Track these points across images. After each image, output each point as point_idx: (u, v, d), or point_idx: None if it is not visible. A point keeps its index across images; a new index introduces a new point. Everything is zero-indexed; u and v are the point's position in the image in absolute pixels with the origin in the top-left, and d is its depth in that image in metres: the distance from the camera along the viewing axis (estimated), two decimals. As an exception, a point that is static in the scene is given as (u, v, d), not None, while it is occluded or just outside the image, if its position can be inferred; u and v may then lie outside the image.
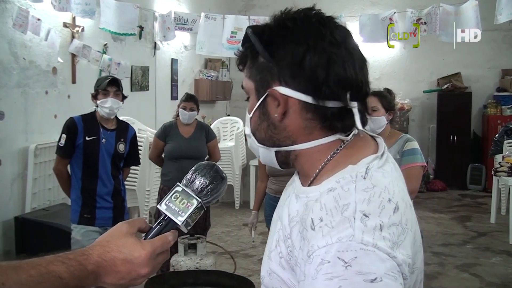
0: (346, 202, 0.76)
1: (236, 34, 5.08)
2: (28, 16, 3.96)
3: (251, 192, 6.85)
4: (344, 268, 0.70)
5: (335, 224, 0.74)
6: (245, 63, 0.90)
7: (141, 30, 5.92)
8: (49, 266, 0.75)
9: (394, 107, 2.90)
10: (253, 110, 0.90)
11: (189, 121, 3.94)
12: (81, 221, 3.05)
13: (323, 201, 0.79)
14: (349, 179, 0.80)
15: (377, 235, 0.73)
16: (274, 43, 0.84)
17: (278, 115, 0.85)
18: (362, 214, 0.74)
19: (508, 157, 5.68)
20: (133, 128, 3.36)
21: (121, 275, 0.81)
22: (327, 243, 0.72)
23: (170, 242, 0.87)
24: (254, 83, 0.89)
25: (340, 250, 0.71)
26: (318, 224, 0.76)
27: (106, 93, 3.05)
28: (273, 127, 0.88)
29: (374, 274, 0.69)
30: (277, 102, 0.85)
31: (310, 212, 0.79)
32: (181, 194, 0.91)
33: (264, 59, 0.86)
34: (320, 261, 0.72)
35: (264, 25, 0.88)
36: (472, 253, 5.00)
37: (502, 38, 8.02)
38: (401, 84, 8.33)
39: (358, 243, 0.71)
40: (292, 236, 0.83)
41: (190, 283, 1.77)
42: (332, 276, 0.70)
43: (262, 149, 0.92)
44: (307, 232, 0.78)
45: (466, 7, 4.58)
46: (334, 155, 0.85)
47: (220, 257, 4.20)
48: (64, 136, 3.02)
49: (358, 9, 8.27)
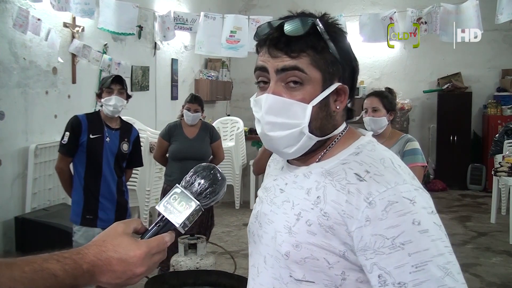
0: (381, 157, 0.91)
1: (235, 34, 5.06)
2: (28, 16, 3.96)
3: (251, 192, 6.85)
4: (412, 205, 0.83)
5: (383, 172, 0.87)
6: (304, 50, 0.92)
7: (140, 30, 5.92)
8: (43, 263, 0.75)
9: (395, 108, 2.89)
10: (317, 99, 0.93)
11: (193, 122, 3.94)
12: (83, 222, 3.03)
13: (358, 159, 0.92)
14: (367, 145, 0.96)
15: (415, 179, 0.90)
16: (338, 43, 0.94)
17: (339, 107, 0.97)
18: (397, 164, 0.91)
19: (508, 157, 5.68)
20: (136, 130, 3.35)
21: (116, 274, 0.81)
22: (387, 187, 0.85)
23: (166, 243, 0.88)
24: (321, 74, 0.93)
25: (403, 191, 0.84)
26: (367, 175, 0.88)
27: (110, 91, 3.05)
28: (329, 117, 0.96)
29: (431, 208, 0.86)
30: (335, 95, 0.96)
31: (349, 170, 0.91)
32: (179, 196, 0.91)
33: (332, 55, 0.93)
34: (387, 203, 0.83)
35: (324, 21, 0.94)
36: (472, 253, 5.00)
37: (502, 38, 8.02)
38: (401, 84, 8.32)
39: (411, 185, 0.86)
40: (326, 198, 0.90)
41: (190, 283, 1.77)
42: (404, 212, 0.82)
43: (307, 138, 0.95)
44: (354, 185, 0.88)
45: (466, 6, 4.57)
46: (340, 136, 0.99)
47: (220, 257, 4.20)
48: (68, 134, 3.00)
49: (358, 9, 8.27)
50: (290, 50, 0.91)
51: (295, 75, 0.92)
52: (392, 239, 0.81)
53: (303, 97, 0.92)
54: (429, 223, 0.83)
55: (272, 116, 0.94)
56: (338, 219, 0.87)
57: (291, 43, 0.91)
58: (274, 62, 0.93)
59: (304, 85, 0.92)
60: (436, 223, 0.85)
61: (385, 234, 0.82)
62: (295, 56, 0.91)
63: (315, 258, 0.89)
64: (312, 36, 0.91)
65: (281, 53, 0.92)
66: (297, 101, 0.92)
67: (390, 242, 0.81)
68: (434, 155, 8.41)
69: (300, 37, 0.91)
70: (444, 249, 0.83)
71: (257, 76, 0.98)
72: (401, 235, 0.81)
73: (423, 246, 0.81)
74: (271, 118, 0.94)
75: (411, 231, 0.81)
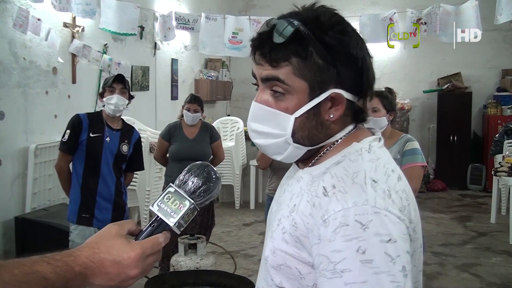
0: (356, 170, 0.84)
1: (237, 35, 5.08)
2: (28, 16, 3.96)
3: (251, 192, 6.85)
4: (362, 230, 0.76)
5: (348, 189, 0.81)
6: (286, 58, 0.85)
7: (141, 30, 5.93)
8: (34, 266, 0.74)
9: (395, 108, 2.89)
10: (302, 110, 0.87)
11: (193, 123, 3.94)
12: (79, 221, 3.03)
13: (333, 171, 0.86)
14: (354, 153, 0.88)
15: (387, 199, 0.80)
16: (334, 47, 0.85)
17: (334, 116, 0.89)
18: (372, 180, 0.82)
19: (508, 157, 5.68)
20: (138, 132, 3.35)
21: (110, 276, 0.80)
22: (343, 207, 0.79)
23: (160, 244, 0.86)
24: (308, 83, 0.86)
25: (357, 214, 0.77)
26: (331, 191, 0.83)
27: (112, 90, 3.06)
28: (320, 127, 0.90)
29: (389, 236, 0.76)
30: (330, 103, 0.88)
31: (321, 182, 0.86)
32: (173, 195, 0.90)
33: (322, 61, 0.85)
34: (338, 224, 0.78)
35: (315, 22, 0.86)
36: (472, 253, 5.00)
37: (502, 38, 8.02)
38: (401, 84, 8.32)
39: (372, 207, 0.78)
40: (299, 207, 0.87)
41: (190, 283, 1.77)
42: (351, 237, 0.76)
43: (293, 148, 0.90)
44: (318, 199, 0.83)
45: (466, 7, 4.58)
46: (338, 141, 0.92)
47: (220, 257, 4.20)
48: (68, 132, 3.01)
49: (358, 9, 8.27)
50: (271, 59, 0.86)
51: (277, 85, 0.87)
52: (334, 264, 0.76)
53: (287, 107, 0.88)
54: (377, 253, 0.75)
55: (256, 124, 0.92)
56: (304, 231, 0.84)
57: (273, 51, 0.85)
58: (259, 70, 0.89)
59: (288, 95, 0.87)
60: (388, 254, 0.75)
61: (330, 257, 0.77)
62: (275, 65, 0.86)
63: (288, 266, 0.87)
64: (296, 43, 0.84)
65: (264, 60, 0.87)
66: (280, 111, 0.88)
67: (332, 267, 0.77)
68: (434, 155, 8.41)
69: (283, 44, 0.84)
70: (387, 285, 0.74)
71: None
72: (343, 261, 0.76)
73: (362, 277, 0.74)
74: (256, 126, 0.92)
75: (353, 259, 0.75)
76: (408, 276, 0.77)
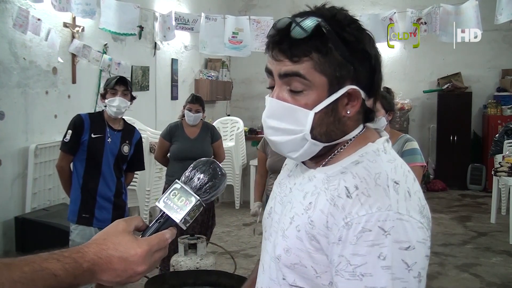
0: (377, 171, 0.85)
1: (237, 35, 5.08)
2: (28, 16, 3.96)
3: (251, 192, 6.84)
4: (384, 237, 0.78)
5: (371, 192, 0.82)
6: (307, 54, 0.86)
7: (141, 30, 5.93)
8: (43, 263, 0.75)
9: (393, 107, 2.89)
10: (321, 105, 0.89)
11: (195, 123, 3.95)
12: (79, 221, 3.04)
13: (354, 171, 0.87)
14: (372, 153, 0.90)
15: (409, 203, 0.82)
16: (352, 43, 0.88)
17: (350, 112, 0.91)
18: (394, 182, 0.84)
19: (508, 157, 5.68)
20: (139, 132, 3.35)
21: (117, 272, 0.81)
22: (367, 212, 0.80)
23: (167, 240, 0.87)
24: (328, 78, 0.88)
25: (380, 220, 0.79)
26: (354, 192, 0.83)
27: (114, 92, 3.06)
28: (337, 123, 0.91)
29: (408, 243, 0.79)
30: (347, 99, 0.90)
31: (342, 182, 0.86)
32: (179, 191, 0.90)
33: (341, 57, 0.87)
34: (361, 229, 0.79)
35: (334, 19, 0.88)
36: (472, 253, 5.00)
37: (502, 38, 8.02)
38: (401, 84, 8.33)
39: (395, 213, 0.80)
40: (316, 205, 0.87)
41: (190, 283, 1.78)
42: (373, 243, 0.78)
43: (310, 144, 0.91)
44: (341, 199, 0.84)
45: (466, 7, 4.58)
46: (351, 140, 0.94)
47: (220, 257, 4.20)
48: (70, 132, 3.02)
49: (358, 9, 8.26)
50: (292, 54, 0.87)
51: (296, 81, 0.88)
52: (354, 266, 0.79)
53: (306, 103, 0.88)
54: (395, 259, 0.78)
55: (274, 121, 0.92)
56: (322, 229, 0.85)
57: (293, 46, 0.87)
58: (277, 66, 0.90)
59: (308, 91, 0.88)
60: (405, 261, 0.78)
61: (350, 259, 0.80)
62: (296, 60, 0.87)
63: (303, 265, 0.88)
64: (317, 38, 0.85)
65: (284, 56, 0.88)
66: (300, 107, 0.89)
67: (351, 269, 0.79)
68: (434, 155, 8.41)
69: (303, 39, 0.85)
70: None
71: (268, 77, 0.95)
72: (364, 265, 0.78)
73: (382, 283, 0.78)
74: (273, 122, 0.92)
75: (374, 264, 0.78)
76: (423, 281, 0.81)
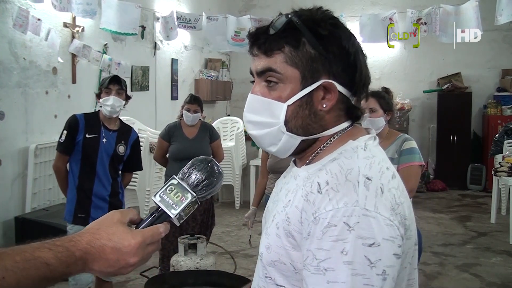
0: (350, 167, 0.85)
1: (239, 34, 5.12)
2: (28, 16, 3.96)
3: (251, 192, 6.84)
4: (348, 232, 0.78)
5: (340, 187, 0.82)
6: (279, 47, 0.90)
7: (143, 30, 5.93)
8: (35, 252, 0.75)
9: (392, 108, 2.89)
10: (294, 98, 0.91)
11: (193, 123, 3.95)
12: (75, 221, 3.04)
13: (328, 167, 0.87)
14: (350, 150, 0.90)
15: (379, 199, 0.81)
16: (326, 38, 0.90)
17: (326, 106, 0.91)
18: (365, 177, 0.83)
19: (508, 157, 5.68)
20: (136, 132, 3.34)
21: (109, 263, 0.81)
22: (334, 207, 0.80)
23: (161, 234, 0.87)
24: (300, 71, 0.90)
25: (345, 215, 0.79)
26: (325, 188, 0.83)
27: (108, 91, 3.06)
28: (313, 116, 0.92)
29: (372, 239, 0.78)
30: (322, 92, 0.91)
31: (316, 178, 0.87)
32: (176, 187, 0.91)
33: (315, 51, 0.89)
34: (327, 224, 0.80)
35: (309, 16, 0.91)
36: (472, 253, 5.00)
37: (502, 38, 8.02)
38: (401, 84, 8.32)
39: (361, 209, 0.79)
40: (293, 202, 0.88)
41: (190, 283, 1.78)
42: (337, 238, 0.78)
43: (287, 137, 0.93)
44: (313, 195, 0.84)
45: (466, 7, 4.58)
46: (335, 137, 0.94)
47: (220, 257, 4.20)
48: (65, 132, 3.03)
49: (359, 9, 8.27)
50: (266, 49, 0.91)
51: (271, 75, 0.92)
52: (319, 261, 0.79)
53: (280, 96, 0.91)
54: (358, 255, 0.77)
55: (252, 115, 0.96)
56: (297, 225, 0.86)
57: (267, 41, 0.91)
58: (255, 63, 0.94)
59: (281, 84, 0.91)
60: (368, 258, 0.77)
61: (316, 254, 0.80)
62: (270, 54, 0.91)
63: (283, 262, 0.88)
64: (289, 32, 0.89)
65: (260, 51, 0.92)
66: (273, 100, 0.92)
67: (316, 263, 0.80)
68: (434, 155, 8.41)
69: (278, 34, 0.90)
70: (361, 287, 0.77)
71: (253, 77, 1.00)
72: (327, 260, 0.79)
73: (342, 277, 0.77)
74: (252, 117, 0.96)
75: (336, 259, 0.78)
76: (389, 279, 0.78)
